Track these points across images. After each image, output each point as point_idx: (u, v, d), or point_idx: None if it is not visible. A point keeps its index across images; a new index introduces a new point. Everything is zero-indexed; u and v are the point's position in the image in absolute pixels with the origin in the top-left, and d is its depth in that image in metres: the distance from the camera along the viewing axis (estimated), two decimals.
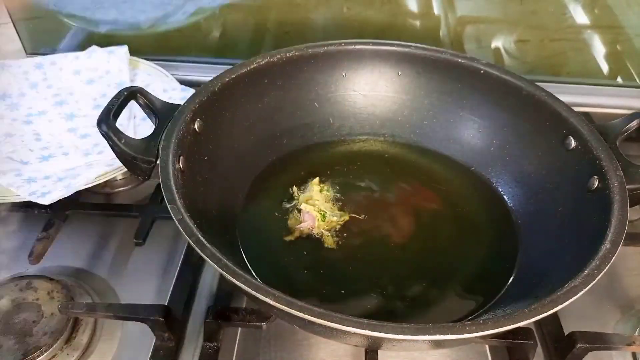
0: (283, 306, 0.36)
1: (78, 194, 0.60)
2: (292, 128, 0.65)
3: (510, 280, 0.53)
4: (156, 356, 0.51)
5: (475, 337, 0.36)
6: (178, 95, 0.72)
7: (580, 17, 0.75)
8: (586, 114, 0.76)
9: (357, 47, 0.64)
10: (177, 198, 0.44)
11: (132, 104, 0.52)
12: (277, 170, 0.63)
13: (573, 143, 0.53)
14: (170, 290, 0.56)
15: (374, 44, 0.64)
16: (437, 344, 0.46)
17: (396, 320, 0.36)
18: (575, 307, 0.40)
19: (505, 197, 0.61)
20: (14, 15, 0.83)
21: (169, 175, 0.45)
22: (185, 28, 0.83)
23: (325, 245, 0.55)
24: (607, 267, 0.40)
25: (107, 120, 0.47)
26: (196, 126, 0.53)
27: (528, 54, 0.81)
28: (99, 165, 0.62)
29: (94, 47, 0.78)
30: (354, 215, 0.58)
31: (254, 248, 0.54)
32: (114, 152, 0.48)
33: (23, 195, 0.57)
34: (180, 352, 0.52)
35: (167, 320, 0.50)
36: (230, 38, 0.84)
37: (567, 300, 0.38)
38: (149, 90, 0.53)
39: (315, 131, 0.67)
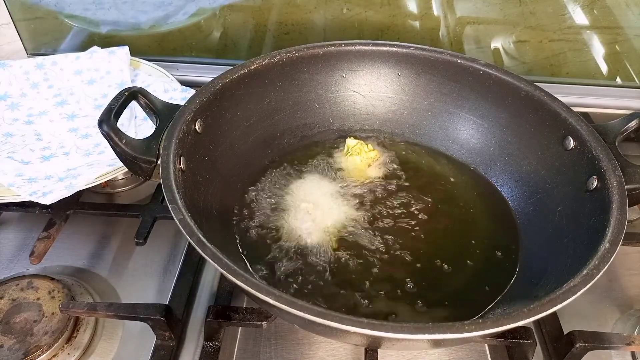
0: (284, 305, 0.36)
1: (79, 193, 0.61)
2: (293, 128, 0.66)
3: (512, 280, 0.53)
4: (157, 355, 0.51)
5: (475, 336, 0.36)
6: (179, 95, 0.73)
7: (579, 17, 0.75)
8: (585, 114, 0.76)
9: (357, 48, 0.64)
10: (177, 198, 0.44)
11: (133, 104, 0.52)
12: (278, 170, 0.63)
13: (572, 143, 0.53)
14: (171, 289, 0.57)
15: (373, 44, 0.64)
16: (437, 343, 0.46)
17: (397, 320, 0.36)
18: (574, 307, 0.40)
19: (505, 196, 0.61)
20: (14, 16, 0.84)
21: (169, 175, 0.46)
22: (185, 29, 0.83)
23: (326, 245, 0.55)
24: (606, 267, 0.40)
25: (108, 120, 0.47)
26: (197, 126, 0.53)
27: (527, 55, 0.81)
28: (99, 165, 0.62)
29: (95, 48, 0.78)
30: (353, 216, 0.58)
31: (254, 248, 0.55)
32: (115, 152, 0.49)
33: (24, 195, 0.57)
34: (180, 352, 0.52)
35: (168, 320, 0.50)
36: (230, 39, 0.84)
37: (566, 299, 0.38)
38: (150, 90, 0.53)
39: (315, 131, 0.67)
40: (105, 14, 0.82)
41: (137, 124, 0.70)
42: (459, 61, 0.62)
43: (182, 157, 0.49)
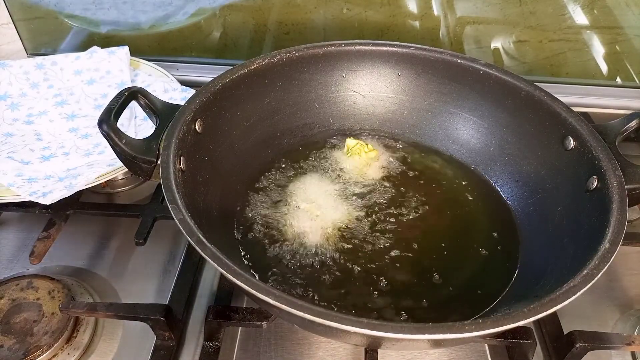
0: (283, 305, 0.36)
1: (79, 193, 0.61)
2: (293, 128, 0.66)
3: (512, 280, 0.53)
4: (157, 355, 0.51)
5: (474, 336, 0.36)
6: (179, 95, 0.73)
7: (579, 17, 0.75)
8: (585, 114, 0.76)
9: (357, 47, 0.64)
10: (177, 198, 0.44)
11: (133, 104, 0.52)
12: (278, 170, 0.63)
13: (572, 143, 0.53)
14: (171, 289, 0.57)
15: (373, 44, 0.64)
16: (437, 343, 0.46)
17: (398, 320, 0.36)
18: (574, 307, 0.40)
19: (505, 196, 0.61)
20: (14, 16, 0.84)
21: (169, 175, 0.46)
22: (185, 28, 0.83)
23: (326, 245, 0.55)
24: (606, 267, 0.40)
25: (108, 120, 0.47)
26: (197, 126, 0.53)
27: (527, 55, 0.81)
28: (99, 165, 0.62)
29: (95, 48, 0.78)
30: (353, 216, 0.58)
31: (254, 248, 0.55)
32: (115, 152, 0.49)
33: (24, 195, 0.57)
34: (180, 352, 0.52)
35: (168, 320, 0.50)
36: (230, 39, 0.84)
37: (566, 299, 0.38)
38: (150, 90, 0.53)
39: (315, 131, 0.67)
40: (105, 14, 0.82)
41: (137, 123, 0.70)
42: (459, 61, 0.62)
43: (182, 157, 0.49)
